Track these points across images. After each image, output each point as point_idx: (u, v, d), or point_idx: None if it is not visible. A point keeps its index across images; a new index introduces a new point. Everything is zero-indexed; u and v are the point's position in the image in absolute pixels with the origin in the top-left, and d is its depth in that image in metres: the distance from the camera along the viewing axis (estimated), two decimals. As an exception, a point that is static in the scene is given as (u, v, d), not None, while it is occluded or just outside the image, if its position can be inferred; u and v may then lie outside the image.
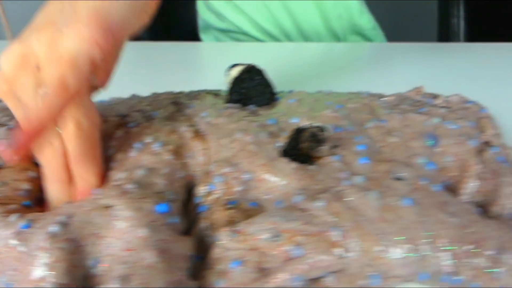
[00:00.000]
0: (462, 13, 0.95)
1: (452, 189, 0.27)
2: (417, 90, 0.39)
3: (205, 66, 0.65)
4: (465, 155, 0.28)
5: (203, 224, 0.25)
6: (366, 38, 0.74)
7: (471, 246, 0.22)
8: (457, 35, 0.96)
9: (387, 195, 0.23)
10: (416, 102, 0.34)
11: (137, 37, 0.29)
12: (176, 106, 0.35)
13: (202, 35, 0.77)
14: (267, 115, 0.32)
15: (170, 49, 0.69)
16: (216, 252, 0.22)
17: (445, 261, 0.21)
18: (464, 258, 0.22)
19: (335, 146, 0.27)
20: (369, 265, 0.21)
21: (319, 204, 0.22)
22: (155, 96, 0.39)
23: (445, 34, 0.97)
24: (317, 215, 0.22)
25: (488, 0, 0.94)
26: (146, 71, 0.58)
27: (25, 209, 0.25)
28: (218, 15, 0.72)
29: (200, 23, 0.77)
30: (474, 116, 0.32)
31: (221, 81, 0.39)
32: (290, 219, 0.21)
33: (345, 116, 0.31)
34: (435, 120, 0.30)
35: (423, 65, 0.58)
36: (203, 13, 0.74)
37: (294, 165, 0.26)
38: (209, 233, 0.24)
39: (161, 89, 0.40)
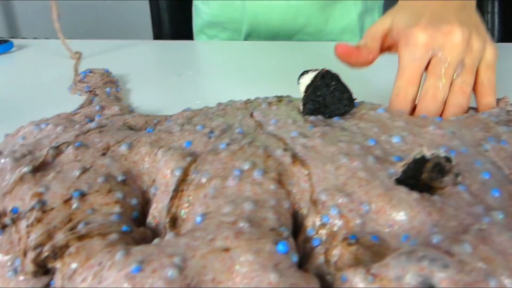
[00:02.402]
0: (496, 9, 0.90)
1: None
2: (503, 100, 0.36)
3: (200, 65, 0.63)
4: None
5: (319, 259, 0.22)
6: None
7: None
8: (491, 32, 0.92)
9: (537, 236, 0.21)
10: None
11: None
12: (253, 119, 0.33)
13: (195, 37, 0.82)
14: (363, 133, 0.29)
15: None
16: (347, 296, 0.20)
17: None
18: None
19: (457, 175, 0.24)
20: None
21: (466, 247, 0.20)
22: (222, 107, 0.37)
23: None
24: (467, 261, 0.19)
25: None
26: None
27: (126, 236, 0.23)
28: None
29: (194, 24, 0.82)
30: None
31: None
32: (442, 265, 0.19)
33: (453, 135, 0.28)
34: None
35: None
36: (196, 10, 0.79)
37: (415, 195, 0.23)
38: (326, 270, 0.22)
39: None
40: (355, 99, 0.34)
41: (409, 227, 0.22)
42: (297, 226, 0.24)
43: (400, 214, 0.23)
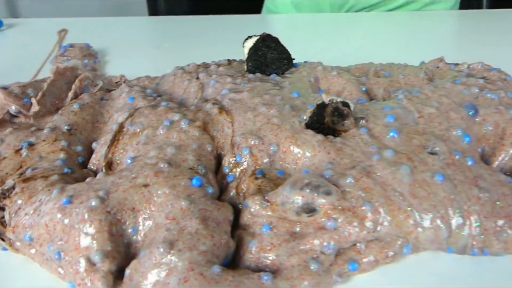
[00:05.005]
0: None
1: (485, 156, 0.27)
2: (439, 59, 0.38)
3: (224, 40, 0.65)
4: (505, 124, 0.27)
5: (232, 192, 0.25)
6: None
7: (501, 221, 0.22)
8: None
9: (419, 170, 0.23)
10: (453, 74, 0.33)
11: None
12: (198, 81, 0.35)
13: None
14: (292, 87, 0.31)
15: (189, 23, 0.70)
16: (247, 218, 0.23)
17: (475, 236, 0.22)
18: (493, 232, 0.22)
19: (361, 119, 0.27)
20: (400, 237, 0.22)
21: (349, 180, 0.22)
22: (174, 73, 0.39)
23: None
24: (348, 190, 0.22)
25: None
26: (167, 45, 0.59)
27: (66, 177, 0.26)
28: None
29: None
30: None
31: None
32: (324, 192, 0.21)
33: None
34: (475, 90, 0.29)
35: (440, 33, 0.57)
36: None
37: (319, 137, 0.26)
38: (237, 201, 0.25)
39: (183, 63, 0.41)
40: (293, 59, 0.36)
41: (309, 164, 0.25)
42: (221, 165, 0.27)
43: (303, 153, 0.25)
